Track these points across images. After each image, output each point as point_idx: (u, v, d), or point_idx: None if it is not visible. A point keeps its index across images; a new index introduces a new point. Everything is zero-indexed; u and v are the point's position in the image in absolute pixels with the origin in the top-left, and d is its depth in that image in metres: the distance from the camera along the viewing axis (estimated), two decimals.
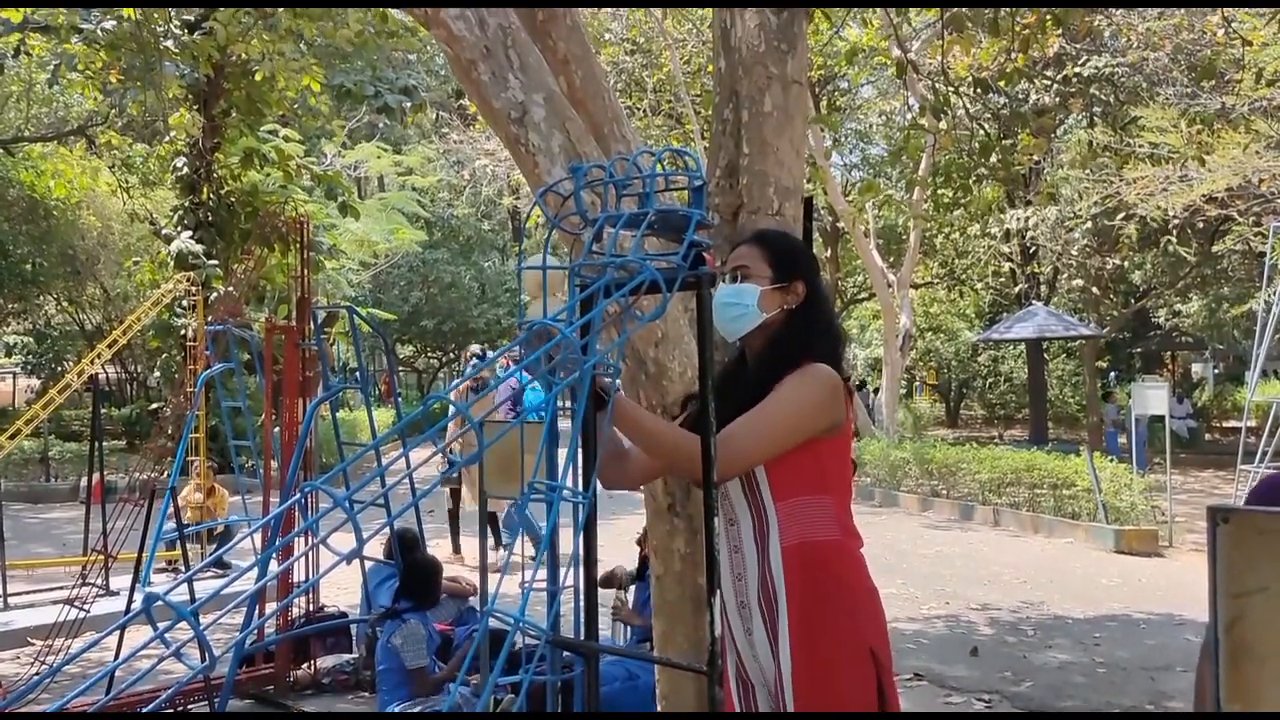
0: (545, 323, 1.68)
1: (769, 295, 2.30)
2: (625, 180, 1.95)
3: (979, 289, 25.63)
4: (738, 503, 2.27)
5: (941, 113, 6.50)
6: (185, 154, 13.69)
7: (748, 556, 2.26)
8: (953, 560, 9.48)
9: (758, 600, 2.23)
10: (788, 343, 2.29)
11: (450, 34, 3.32)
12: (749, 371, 2.36)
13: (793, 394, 2.19)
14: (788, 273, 2.33)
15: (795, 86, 3.60)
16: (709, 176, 3.79)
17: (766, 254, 2.36)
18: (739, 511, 2.28)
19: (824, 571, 2.18)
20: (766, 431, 2.17)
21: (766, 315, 2.30)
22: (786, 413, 2.19)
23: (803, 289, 2.35)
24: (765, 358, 2.30)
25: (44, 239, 18.64)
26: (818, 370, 2.24)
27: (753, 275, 2.32)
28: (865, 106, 21.26)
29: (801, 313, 2.34)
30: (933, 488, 13.07)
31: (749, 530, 2.25)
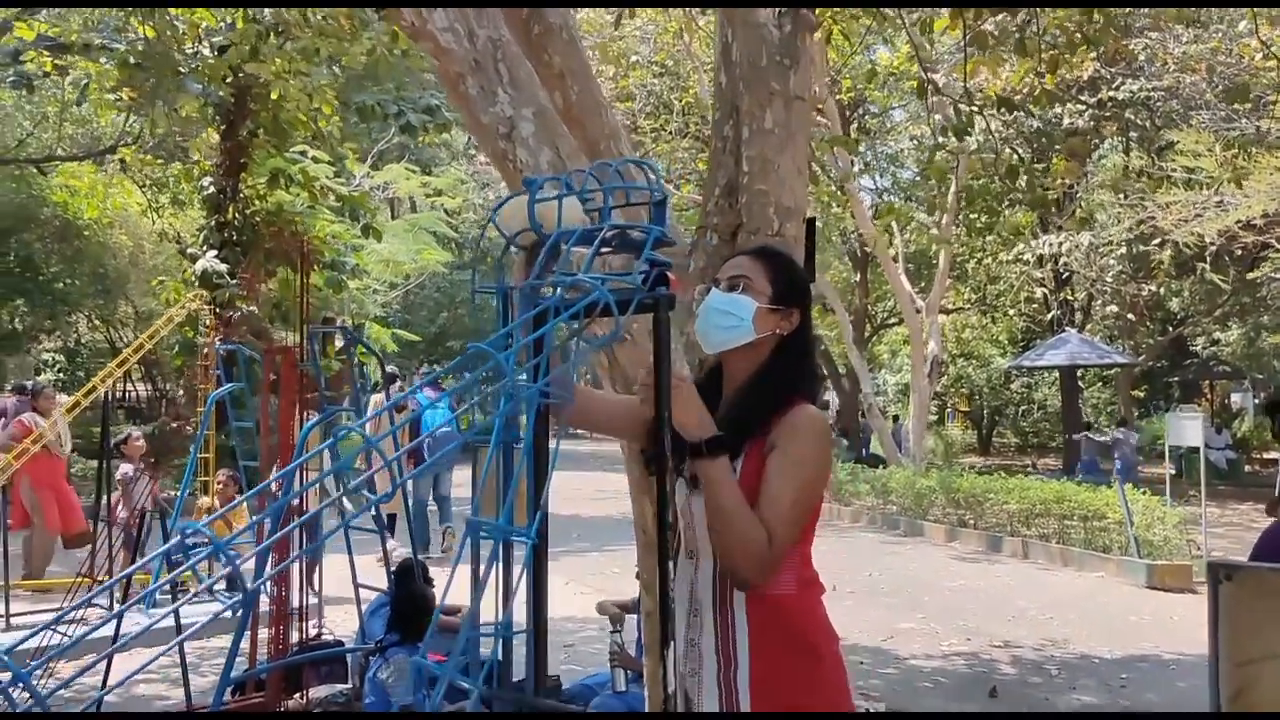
0: (481, 347, 1.53)
1: (765, 315, 2.14)
2: (584, 193, 1.81)
3: (1011, 315, 25.27)
4: (702, 537, 2.10)
5: (965, 133, 6.33)
6: (212, 174, 13.74)
7: (703, 596, 2.11)
8: (977, 594, 9.22)
9: (715, 648, 2.08)
10: (779, 376, 2.13)
11: (438, 46, 3.21)
12: (727, 397, 2.19)
13: (816, 468, 2.07)
14: (787, 297, 2.18)
15: (798, 102, 3.46)
16: (707, 195, 3.66)
17: (768, 271, 2.19)
18: (701, 547, 2.11)
19: (789, 629, 2.05)
20: (803, 517, 2.05)
21: (758, 335, 2.13)
22: (816, 492, 2.08)
23: (797, 318, 2.19)
24: (753, 388, 2.14)
25: (76, 258, 18.76)
26: (820, 424, 2.11)
27: (752, 289, 2.15)
28: (896, 130, 21.06)
29: (793, 343, 2.18)
30: (960, 518, 12.78)
31: (709, 570, 2.10)
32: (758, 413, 2.07)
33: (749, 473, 2.04)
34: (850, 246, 22.67)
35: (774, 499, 1.98)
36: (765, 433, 2.05)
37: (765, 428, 2.05)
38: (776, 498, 1.99)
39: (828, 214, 18.63)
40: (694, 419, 1.99)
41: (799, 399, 2.09)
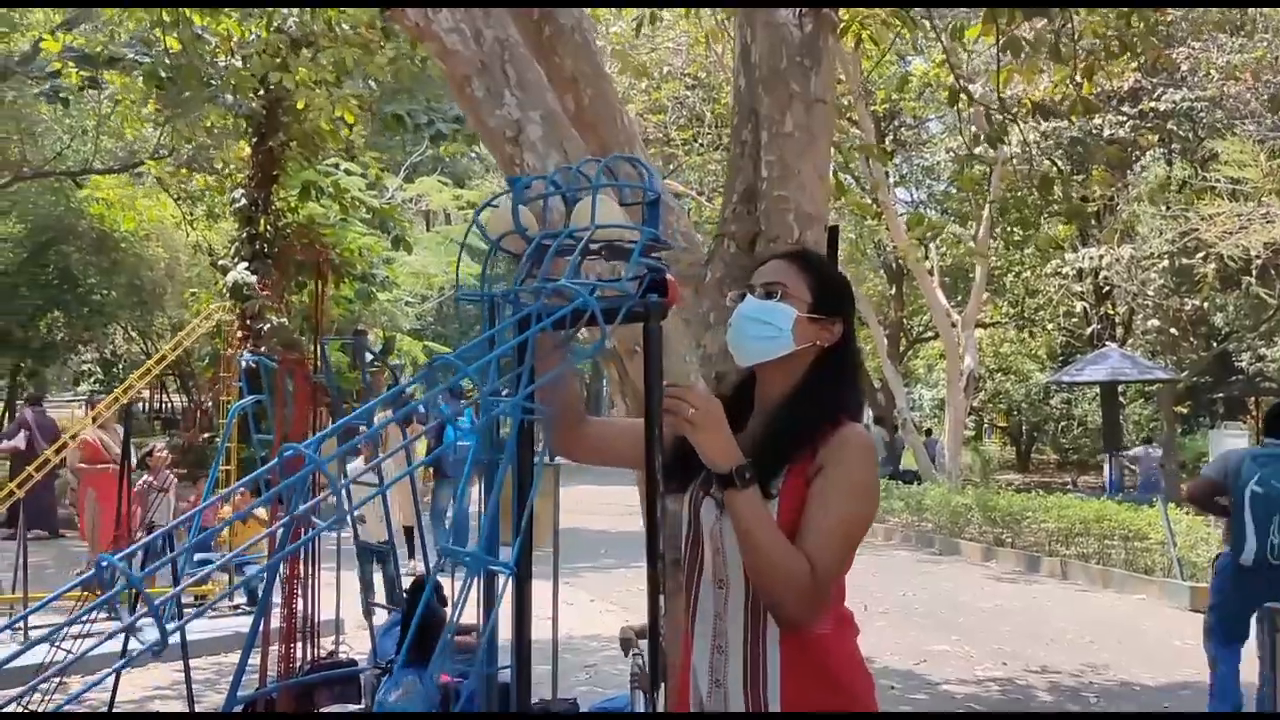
0: (448, 358, 1.40)
1: (804, 325, 1.95)
2: (570, 190, 1.67)
3: (1050, 329, 24.85)
4: (733, 564, 1.91)
5: (1000, 142, 6.14)
6: (243, 186, 13.78)
7: (732, 629, 1.92)
8: (1014, 615, 8.96)
9: (742, 685, 1.90)
10: (822, 392, 1.95)
11: (443, 47, 3.10)
12: (762, 415, 2.01)
13: (865, 494, 1.89)
14: (829, 305, 1.99)
15: (819, 105, 3.31)
16: (725, 202, 3.52)
17: (808, 278, 2.00)
18: (732, 575, 1.92)
19: (824, 670, 1.88)
20: (850, 548, 1.87)
21: (797, 347, 1.95)
22: (864, 520, 1.91)
23: (840, 329, 2.00)
24: (793, 406, 1.95)
25: (112, 270, 18.98)
26: (869, 446, 1.94)
27: (791, 296, 1.97)
28: (931, 143, 20.81)
29: (836, 356, 2.00)
30: (997, 536, 12.49)
31: (741, 600, 1.91)
32: (799, 434, 1.90)
33: (789, 501, 1.86)
34: (885, 259, 22.42)
35: (819, 528, 1.81)
36: (808, 456, 1.87)
37: (807, 450, 1.88)
38: (822, 527, 1.81)
39: (861, 226, 18.43)
40: (721, 445, 1.81)
41: (844, 417, 1.92)
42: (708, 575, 1.98)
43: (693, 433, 1.80)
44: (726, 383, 3.39)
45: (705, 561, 1.99)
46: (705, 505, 1.97)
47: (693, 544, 2.02)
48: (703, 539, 1.99)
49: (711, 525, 1.95)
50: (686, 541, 2.05)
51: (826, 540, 1.81)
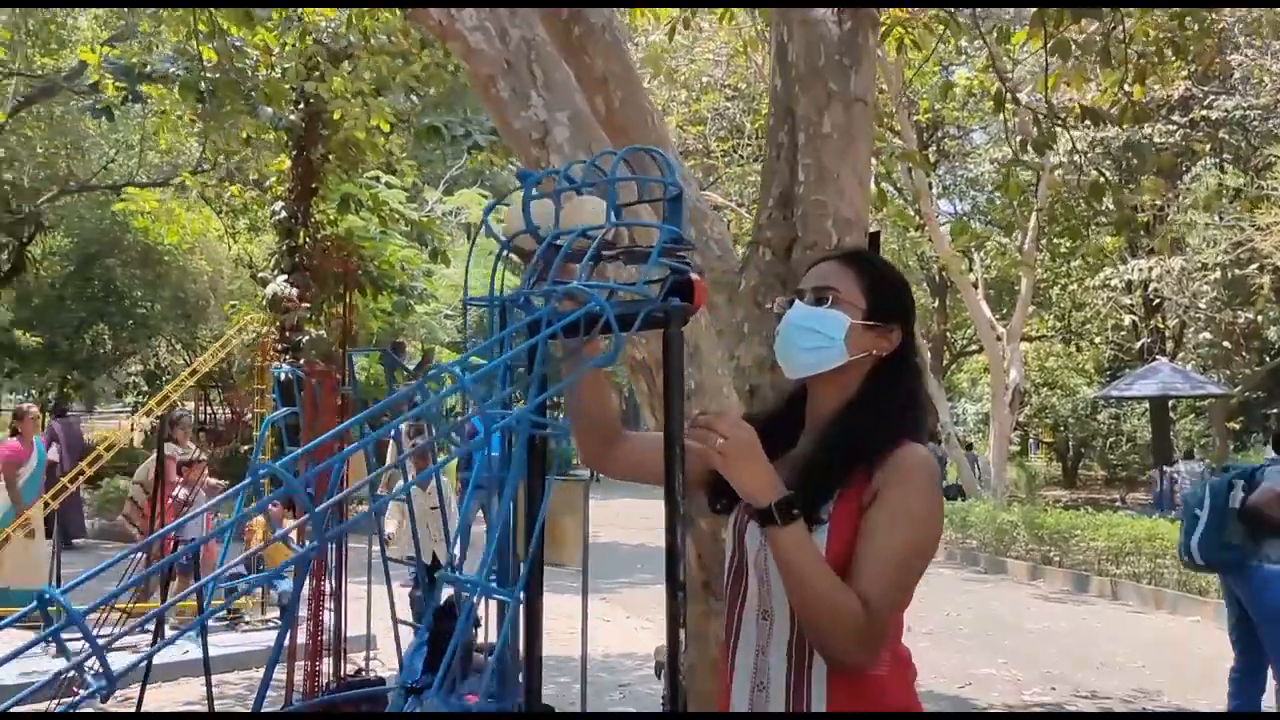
0: (446, 368, 1.27)
1: (859, 333, 1.79)
2: (583, 184, 1.54)
3: (1098, 343, 24.39)
4: (778, 596, 1.74)
5: (1047, 148, 5.95)
6: (283, 199, 13.84)
7: (775, 665, 1.75)
8: (1062, 637, 8.69)
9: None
10: (878, 407, 1.78)
11: (467, 47, 2.99)
12: (812, 433, 1.84)
13: (928, 522, 1.71)
14: (886, 311, 1.83)
15: (859, 105, 3.16)
16: (760, 207, 3.38)
17: (862, 280, 1.83)
18: (777, 607, 1.75)
19: (878, 715, 1.71)
20: (911, 582, 1.71)
21: (851, 357, 1.79)
22: (927, 551, 1.73)
23: (898, 337, 1.84)
24: (846, 424, 1.78)
25: (157, 283, 19.17)
26: (932, 468, 1.76)
27: (843, 302, 1.80)
28: (976, 153, 20.52)
29: (893, 367, 1.83)
30: (1044, 554, 12.18)
31: (785, 635, 1.74)
32: (852, 455, 1.73)
33: (840, 529, 1.69)
34: (929, 271, 22.13)
35: (874, 560, 1.65)
36: (862, 479, 1.70)
37: (862, 473, 1.71)
38: (878, 559, 1.65)
39: (904, 238, 18.18)
40: (757, 477, 1.64)
41: (903, 436, 1.75)
42: (751, 605, 1.81)
43: (724, 465, 1.63)
44: (760, 396, 3.25)
45: (749, 591, 1.81)
46: (750, 531, 1.80)
47: (736, 572, 1.86)
48: (747, 567, 1.82)
49: (756, 552, 1.79)
50: (730, 568, 1.88)
51: (882, 574, 1.64)
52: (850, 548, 1.68)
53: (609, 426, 1.94)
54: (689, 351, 2.87)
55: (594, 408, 1.90)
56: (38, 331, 18.05)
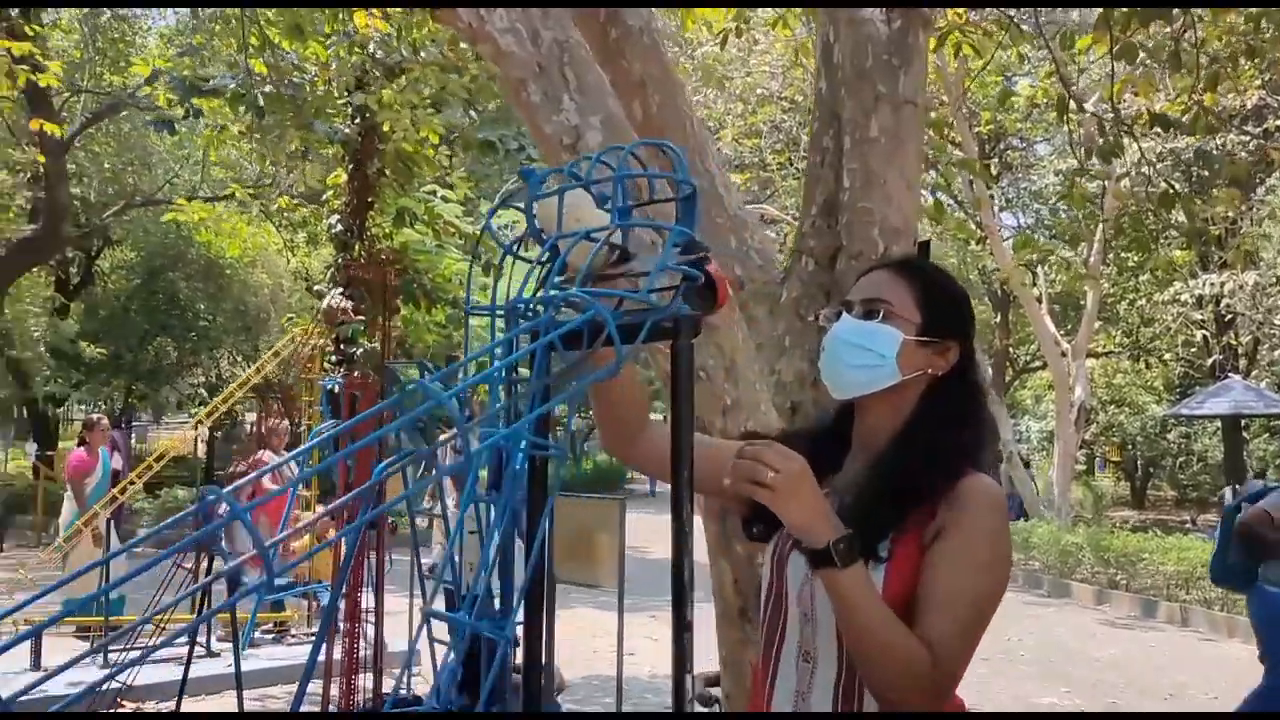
0: (421, 384, 1.15)
1: (912, 350, 1.64)
2: (587, 182, 1.42)
3: (1168, 359, 23.71)
4: (825, 636, 1.58)
5: (1113, 156, 5.71)
6: (339, 212, 13.95)
7: (816, 707, 1.60)
8: (1129, 666, 8.35)
9: None
10: (938, 433, 1.61)
11: (498, 50, 2.89)
12: (864, 461, 1.67)
13: (998, 561, 1.57)
14: (943, 325, 1.67)
15: (908, 107, 3.00)
16: (803, 215, 3.23)
17: (916, 291, 1.68)
18: (822, 648, 1.59)
19: None
20: (981, 626, 1.54)
21: (904, 376, 1.64)
22: (997, 593, 1.57)
23: (956, 354, 1.68)
24: (903, 452, 1.62)
25: (219, 296, 19.45)
26: (999, 501, 1.60)
27: (895, 316, 1.65)
28: (1040, 165, 20.08)
29: (952, 387, 1.67)
30: (1110, 578, 11.78)
31: (831, 678, 1.59)
32: (913, 487, 1.57)
33: (900, 569, 1.54)
34: (990, 286, 21.69)
35: (942, 607, 1.50)
36: (924, 514, 1.55)
37: (924, 507, 1.55)
38: (945, 606, 1.50)
39: (964, 251, 17.84)
40: (811, 515, 1.47)
41: (967, 465, 1.59)
42: (791, 645, 1.65)
43: (773, 501, 1.47)
44: (803, 413, 3.09)
45: (789, 627, 1.66)
46: (793, 561, 1.64)
47: (774, 605, 1.69)
48: (787, 601, 1.66)
49: (800, 587, 1.63)
50: (767, 602, 1.71)
51: (951, 620, 1.49)
52: (910, 588, 1.53)
53: (633, 415, 1.77)
54: (725, 365, 2.74)
55: (618, 393, 1.74)
56: (104, 343, 18.39)
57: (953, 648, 1.49)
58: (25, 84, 8.29)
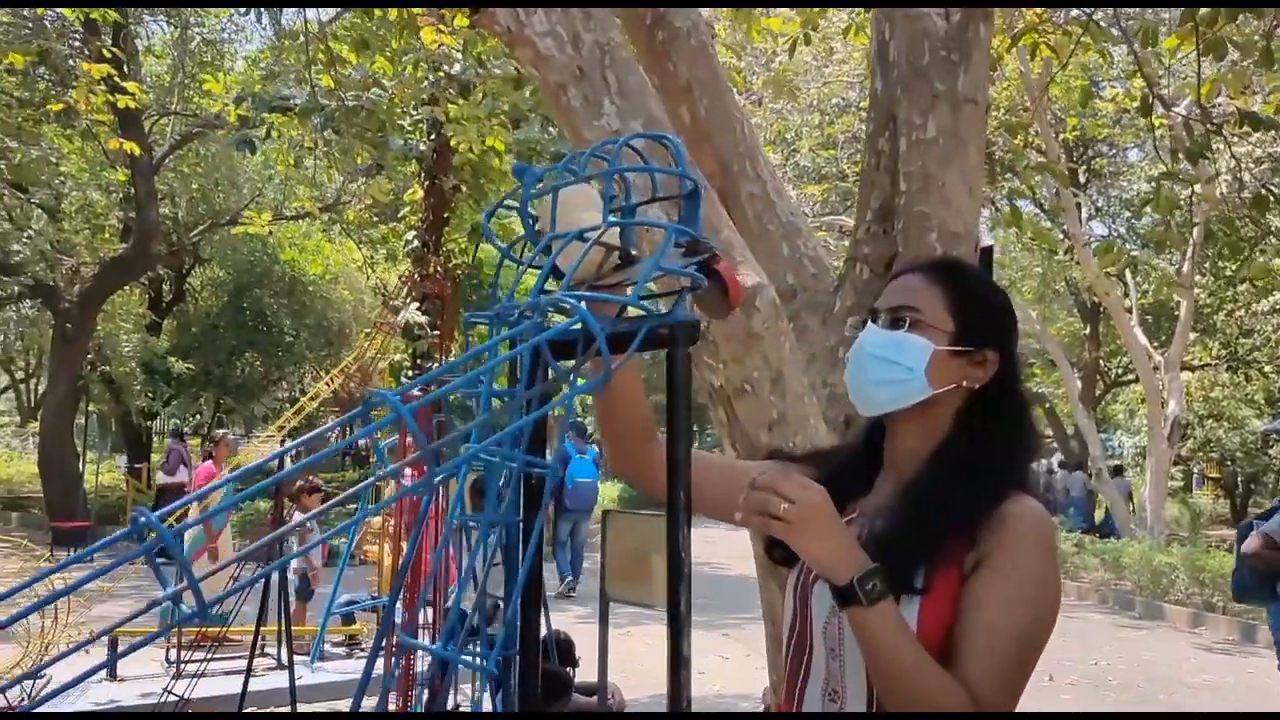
0: (383, 395, 1.06)
1: (944, 361, 1.50)
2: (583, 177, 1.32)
3: (1268, 372, 22.73)
4: (853, 673, 1.45)
5: (1201, 156, 5.43)
6: (416, 229, 14.11)
7: None
8: (1227, 694, 7.94)
9: None
10: (974, 455, 1.47)
11: (537, 54, 2.81)
12: (898, 481, 1.53)
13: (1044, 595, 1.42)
14: (979, 333, 1.52)
15: (968, 106, 2.85)
16: (858, 220, 3.09)
17: (949, 296, 1.53)
18: (850, 686, 1.46)
19: None
20: (1027, 667, 1.40)
21: (936, 390, 1.50)
22: (1044, 630, 1.42)
23: (996, 364, 1.53)
24: (938, 474, 1.48)
25: (302, 312, 19.85)
26: (1046, 527, 1.45)
27: (925, 324, 1.51)
28: (1130, 171, 19.46)
29: (991, 401, 1.52)
30: (1206, 600, 11.26)
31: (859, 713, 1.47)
32: (949, 513, 1.43)
33: (937, 602, 1.41)
34: (1079, 297, 21.06)
35: (987, 641, 1.36)
36: (963, 542, 1.41)
37: (962, 535, 1.42)
38: (991, 639, 1.36)
39: (1051, 261, 17.34)
40: (833, 550, 1.34)
41: (1010, 487, 1.45)
42: (816, 682, 1.52)
43: (788, 536, 1.34)
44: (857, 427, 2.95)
45: (814, 663, 1.52)
46: (818, 592, 1.50)
47: (798, 639, 1.56)
48: (812, 635, 1.53)
49: (825, 621, 1.50)
50: (790, 635, 1.58)
51: (995, 659, 1.35)
52: (948, 624, 1.40)
53: (640, 430, 1.65)
54: (771, 377, 2.61)
55: (624, 409, 1.64)
56: (193, 359, 18.88)
57: (998, 690, 1.35)
58: (110, 106, 8.55)
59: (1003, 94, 13.24)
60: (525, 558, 1.28)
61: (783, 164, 15.73)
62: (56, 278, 15.57)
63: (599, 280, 1.31)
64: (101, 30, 11.83)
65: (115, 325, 17.85)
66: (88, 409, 19.49)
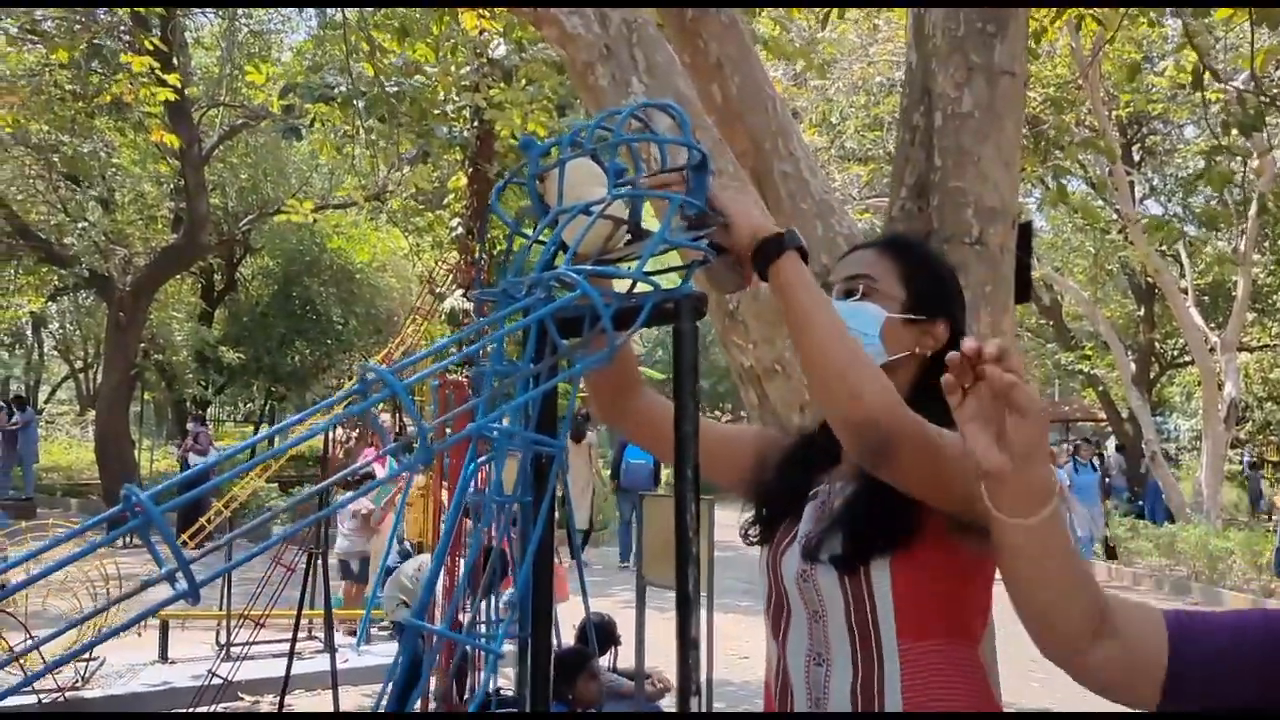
0: (379, 371, 1.04)
1: (897, 329, 1.56)
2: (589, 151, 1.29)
3: None
4: (835, 635, 1.49)
5: (1254, 129, 5.28)
6: (460, 216, 14.18)
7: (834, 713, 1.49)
8: None
9: None
10: (932, 416, 1.46)
11: (563, 33, 2.79)
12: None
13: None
14: (928, 302, 1.59)
15: (1005, 78, 2.78)
16: (892, 198, 3.03)
17: (900, 269, 1.60)
18: (835, 648, 1.50)
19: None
20: (936, 433, 1.40)
21: (890, 357, 1.55)
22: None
23: (944, 331, 1.59)
24: None
25: (351, 300, 20.04)
26: None
27: (879, 294, 1.58)
28: (1187, 149, 19.02)
29: (942, 368, 1.54)
30: (1265, 586, 11.02)
31: (847, 679, 1.48)
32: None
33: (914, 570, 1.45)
34: (1134, 278, 20.66)
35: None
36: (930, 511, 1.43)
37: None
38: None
39: (1103, 242, 17.02)
40: (751, 208, 1.36)
41: None
42: (798, 650, 1.54)
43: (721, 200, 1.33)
44: None
45: (792, 633, 1.55)
46: (786, 560, 1.55)
47: (775, 610, 1.60)
48: (789, 603, 1.56)
49: (795, 582, 1.54)
50: (768, 608, 1.62)
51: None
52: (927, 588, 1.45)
53: (625, 382, 1.66)
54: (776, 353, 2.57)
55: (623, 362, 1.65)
56: (244, 347, 19.16)
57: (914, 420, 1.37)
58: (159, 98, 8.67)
59: (1052, 71, 12.98)
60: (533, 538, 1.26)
61: (828, 146, 15.55)
62: (110, 268, 15.84)
63: (606, 255, 1.29)
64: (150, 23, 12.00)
65: (168, 314, 18.15)
66: (143, 397, 19.86)
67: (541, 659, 1.33)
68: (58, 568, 0.89)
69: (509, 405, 1.14)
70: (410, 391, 1.05)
